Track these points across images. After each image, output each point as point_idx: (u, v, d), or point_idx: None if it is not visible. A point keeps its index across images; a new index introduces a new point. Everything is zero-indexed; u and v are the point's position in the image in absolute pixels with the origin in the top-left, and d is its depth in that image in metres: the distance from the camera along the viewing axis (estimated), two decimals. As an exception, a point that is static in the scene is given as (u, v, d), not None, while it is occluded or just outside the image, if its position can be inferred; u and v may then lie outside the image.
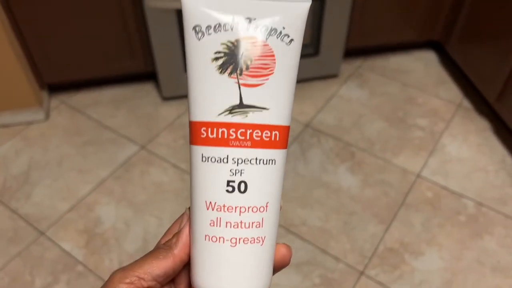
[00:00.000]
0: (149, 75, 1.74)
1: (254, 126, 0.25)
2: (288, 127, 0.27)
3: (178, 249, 0.28)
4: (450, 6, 1.67)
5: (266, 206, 0.26)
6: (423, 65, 1.84)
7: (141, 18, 1.48)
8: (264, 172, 0.26)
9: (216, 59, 0.25)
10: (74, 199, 1.35)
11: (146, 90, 1.72)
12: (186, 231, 0.28)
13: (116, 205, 1.34)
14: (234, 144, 0.25)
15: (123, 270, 0.28)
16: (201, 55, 0.25)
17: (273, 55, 0.25)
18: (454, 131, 1.56)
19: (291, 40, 0.26)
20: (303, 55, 1.66)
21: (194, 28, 0.25)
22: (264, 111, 0.26)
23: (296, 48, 0.26)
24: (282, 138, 0.26)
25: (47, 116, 1.62)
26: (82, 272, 1.19)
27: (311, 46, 1.65)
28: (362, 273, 1.18)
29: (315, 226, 1.28)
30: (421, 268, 1.19)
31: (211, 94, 0.25)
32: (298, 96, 1.70)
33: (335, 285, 1.16)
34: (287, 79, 0.26)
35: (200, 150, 0.26)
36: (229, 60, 0.25)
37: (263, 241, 0.27)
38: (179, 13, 1.43)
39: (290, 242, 1.24)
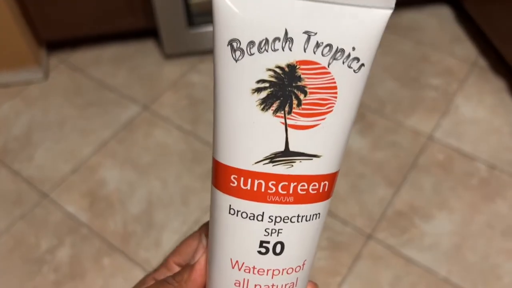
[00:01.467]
0: (150, 32, 1.66)
1: (300, 178, 0.21)
2: (338, 172, 0.21)
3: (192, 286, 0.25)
4: (470, -43, 1.57)
5: (303, 265, 0.23)
6: (437, 22, 1.75)
7: (141, -30, 1.40)
8: (305, 229, 0.22)
9: (258, 90, 0.19)
10: (77, 161, 1.33)
11: (148, 48, 1.65)
12: (200, 268, 0.24)
13: (119, 167, 1.31)
14: (273, 200, 0.21)
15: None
16: (238, 82, 0.18)
17: (335, 87, 0.19)
18: (469, 91, 1.50)
19: (361, 65, 0.19)
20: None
21: (231, 43, 0.18)
22: (314, 159, 0.21)
23: (365, 76, 0.20)
24: (330, 187, 0.22)
25: (46, 75, 1.56)
26: (86, 234, 1.18)
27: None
28: (370, 236, 1.16)
29: (323, 189, 1.26)
30: (430, 231, 1.17)
31: (248, 137, 0.19)
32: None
33: (342, 248, 1.15)
34: (348, 117, 0.20)
35: (228, 201, 0.21)
36: (276, 93, 0.18)
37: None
38: (181, -35, 1.34)
39: (297, 205, 1.22)
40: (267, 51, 0.18)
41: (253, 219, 0.20)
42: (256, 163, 0.20)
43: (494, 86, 1.51)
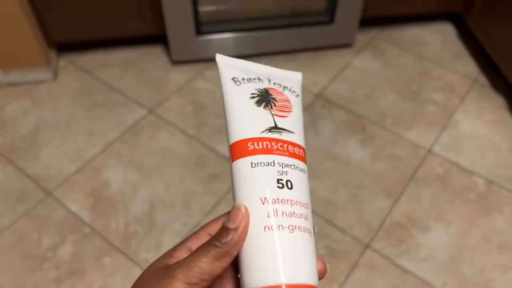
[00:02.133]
0: (159, 38, 1.70)
1: (288, 142, 0.32)
2: (305, 150, 0.33)
3: (235, 248, 0.28)
4: (474, -23, 1.60)
5: (307, 205, 0.30)
6: (440, 38, 1.78)
7: (153, -23, 1.43)
8: (300, 177, 0.31)
9: (253, 97, 0.33)
10: (82, 161, 1.35)
11: (156, 53, 1.68)
12: (242, 230, 0.29)
13: (124, 168, 1.33)
14: (278, 153, 0.31)
15: (182, 267, 0.28)
16: (240, 95, 0.33)
17: (289, 100, 0.34)
18: (469, 107, 1.52)
19: (297, 95, 0.36)
20: (318, 23, 1.61)
21: (233, 79, 0.33)
22: (292, 134, 0.32)
23: (300, 101, 0.35)
24: (304, 156, 0.33)
25: (55, 76, 1.59)
26: (88, 233, 1.20)
27: (326, 14, 1.60)
28: (367, 245, 1.18)
29: (323, 197, 1.28)
30: (428, 243, 1.19)
31: (253, 120, 0.32)
32: (311, 65, 1.66)
33: (340, 257, 1.16)
34: (300, 118, 0.34)
35: (249, 160, 0.30)
36: (262, 99, 0.33)
37: (310, 233, 0.30)
38: (192, -26, 1.38)
39: (297, 212, 1.23)
40: (252, 82, 0.34)
41: (269, 165, 0.30)
42: (261, 132, 0.31)
43: (494, 103, 1.54)
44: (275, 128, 0.31)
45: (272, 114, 0.32)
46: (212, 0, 1.52)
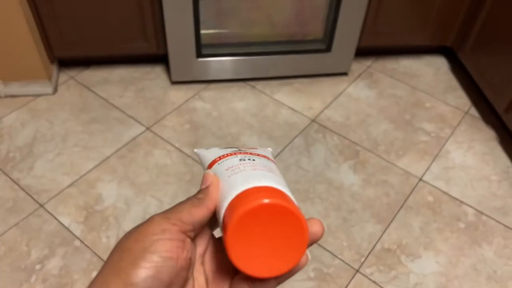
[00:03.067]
0: (160, 58, 1.73)
1: (251, 153, 0.35)
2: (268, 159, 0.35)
3: (209, 201, 0.30)
4: (466, 14, 1.66)
5: (273, 170, 0.33)
6: (433, 70, 1.83)
7: (157, 0, 1.47)
8: (265, 160, 0.34)
9: (223, 148, 0.37)
10: (76, 175, 1.35)
11: (156, 73, 1.71)
12: (212, 185, 0.31)
13: (118, 184, 1.33)
14: (239, 153, 0.34)
15: (164, 213, 0.29)
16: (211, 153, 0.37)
17: (256, 148, 0.37)
18: (460, 138, 1.55)
19: (253, 160, 0.36)
20: (315, 50, 1.66)
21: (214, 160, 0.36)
22: (255, 156, 0.34)
23: (270, 155, 0.38)
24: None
25: (55, 90, 1.61)
26: (78, 247, 1.19)
27: (324, 42, 1.65)
28: (357, 271, 1.18)
29: (314, 220, 1.28)
30: (417, 271, 1.19)
31: (221, 152, 0.35)
32: (306, 90, 1.70)
33: (329, 281, 1.16)
34: (266, 160, 0.36)
35: (217, 163, 0.34)
36: (230, 147, 0.37)
37: (278, 178, 0.31)
38: (195, -2, 1.42)
39: (288, 235, 1.24)
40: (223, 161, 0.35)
41: (232, 159, 0.33)
42: (227, 154, 0.35)
43: (485, 135, 1.57)
44: (238, 151, 0.35)
45: (239, 149, 0.36)
46: (213, 24, 1.56)
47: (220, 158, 0.34)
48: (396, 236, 1.26)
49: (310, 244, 0.30)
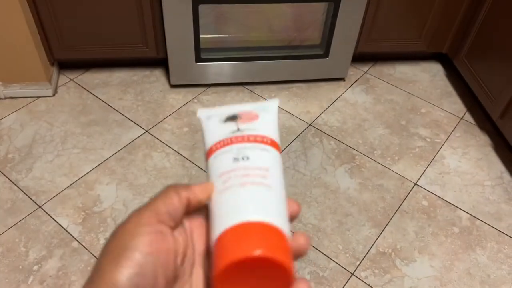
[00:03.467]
0: (159, 62, 1.75)
1: (249, 135, 0.34)
2: (274, 140, 0.34)
3: (185, 193, 0.31)
4: (461, 21, 1.69)
5: (268, 169, 0.31)
6: (429, 77, 1.86)
7: (158, 4, 1.49)
8: (259, 153, 0.33)
9: (222, 121, 0.35)
10: (75, 176, 1.36)
11: (156, 76, 1.73)
12: (202, 191, 0.32)
13: (116, 186, 1.35)
14: (235, 142, 0.33)
15: (141, 207, 0.29)
16: (212, 124, 0.36)
17: (257, 114, 0.35)
18: (455, 144, 1.57)
19: (270, 111, 0.37)
20: (313, 56, 1.68)
21: (208, 117, 0.36)
22: (254, 130, 0.34)
23: (273, 114, 0.37)
24: (269, 142, 0.34)
25: (55, 92, 1.63)
26: (76, 248, 1.20)
27: (321, 48, 1.67)
28: (352, 274, 1.20)
29: (311, 223, 1.30)
30: (411, 274, 1.21)
31: (219, 132, 0.35)
32: (304, 95, 1.71)
33: (325, 284, 1.17)
34: (269, 122, 0.36)
35: (213, 156, 0.34)
36: (229, 118, 0.35)
37: (270, 187, 0.31)
38: (194, 2, 1.44)
39: (284, 237, 1.25)
40: (225, 115, 0.35)
41: (226, 152, 0.33)
42: (225, 136, 0.34)
43: (479, 141, 1.59)
44: (237, 130, 0.34)
45: (236, 124, 0.35)
46: (213, 29, 1.58)
47: (216, 147, 0.34)
48: (391, 240, 1.28)
49: (296, 258, 0.31)
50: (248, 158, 0.32)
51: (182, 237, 0.31)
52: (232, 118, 0.35)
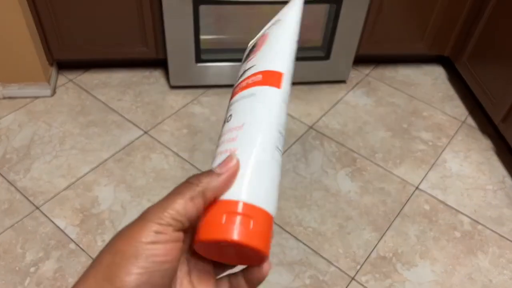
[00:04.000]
0: (159, 63, 1.74)
1: (247, 77, 0.33)
2: (273, 72, 0.33)
3: (211, 194, 0.28)
4: (463, 24, 1.68)
5: (242, 126, 0.31)
6: (431, 80, 1.85)
7: (158, 5, 1.48)
8: (244, 104, 0.32)
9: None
10: (73, 178, 1.35)
11: (155, 77, 1.72)
12: (227, 176, 0.28)
13: (114, 187, 1.33)
14: (231, 97, 0.33)
15: (155, 208, 0.27)
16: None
17: (265, 34, 0.36)
18: (457, 147, 1.56)
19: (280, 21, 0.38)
20: (314, 58, 1.67)
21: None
22: (254, 55, 0.35)
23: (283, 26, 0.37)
24: (267, 79, 0.32)
25: (54, 92, 1.61)
26: (74, 250, 1.19)
27: (322, 50, 1.66)
28: (353, 278, 1.18)
29: (311, 227, 1.28)
30: (412, 279, 1.19)
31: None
32: (305, 98, 1.70)
33: (325, 288, 1.16)
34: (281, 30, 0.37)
35: None
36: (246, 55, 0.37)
37: (233, 152, 0.30)
38: (195, 3, 1.43)
39: (284, 241, 1.24)
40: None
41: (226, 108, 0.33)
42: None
43: (481, 144, 1.58)
44: (243, 73, 0.34)
45: (247, 60, 0.34)
46: (213, 30, 1.57)
47: (235, 91, 0.33)
48: (392, 244, 1.26)
49: (255, 284, 0.31)
50: (231, 118, 0.31)
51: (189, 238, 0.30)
52: (252, 49, 0.35)
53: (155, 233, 0.26)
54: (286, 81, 0.33)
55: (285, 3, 0.37)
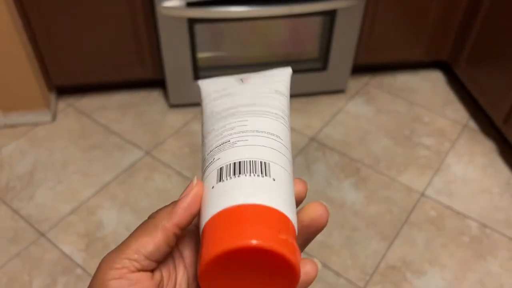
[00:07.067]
0: (157, 83, 1.75)
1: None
2: None
3: (170, 222, 0.25)
4: (459, 28, 1.68)
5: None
6: (430, 85, 1.84)
7: (153, 25, 1.49)
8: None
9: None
10: (76, 202, 1.35)
11: (154, 97, 1.73)
12: (189, 202, 0.25)
13: (118, 210, 1.33)
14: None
15: (111, 254, 0.25)
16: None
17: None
18: (460, 151, 1.55)
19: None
20: (311, 70, 1.67)
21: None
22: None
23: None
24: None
25: (54, 118, 1.62)
26: (80, 275, 1.18)
27: (320, 61, 1.66)
28: (363, 290, 1.17)
29: (317, 240, 1.27)
30: (423, 287, 1.18)
31: None
32: (304, 109, 1.70)
33: (335, 301, 1.15)
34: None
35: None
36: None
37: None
38: (190, 22, 1.44)
39: (291, 255, 1.23)
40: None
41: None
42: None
43: (485, 147, 1.57)
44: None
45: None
46: (210, 47, 1.58)
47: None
48: (401, 253, 1.25)
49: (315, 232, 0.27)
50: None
51: (165, 271, 0.26)
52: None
53: (111, 280, 0.24)
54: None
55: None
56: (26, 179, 1.41)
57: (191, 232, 0.29)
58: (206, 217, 0.24)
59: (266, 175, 0.25)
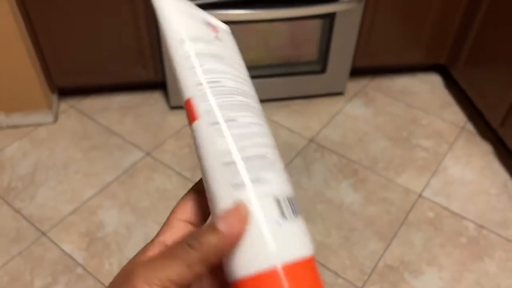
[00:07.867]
0: (158, 84, 1.76)
1: None
2: None
3: (216, 255, 0.23)
4: (457, 31, 1.70)
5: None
6: (428, 88, 1.86)
7: (154, 28, 1.51)
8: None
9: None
10: (77, 202, 1.36)
11: (155, 99, 1.74)
12: (235, 234, 0.23)
13: (119, 209, 1.34)
14: None
15: (145, 270, 0.23)
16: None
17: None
18: (457, 153, 1.57)
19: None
20: (310, 72, 1.69)
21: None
22: None
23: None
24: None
25: (56, 119, 1.64)
26: (81, 274, 1.19)
27: (318, 63, 1.68)
28: (361, 289, 1.18)
29: (316, 240, 1.29)
30: (421, 287, 1.19)
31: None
32: (303, 111, 1.72)
33: (333, 300, 1.16)
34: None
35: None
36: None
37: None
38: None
39: (290, 255, 1.24)
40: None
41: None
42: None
43: (482, 149, 1.59)
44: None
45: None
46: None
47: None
48: (399, 253, 1.26)
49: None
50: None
51: None
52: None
53: None
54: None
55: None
56: (28, 179, 1.43)
57: None
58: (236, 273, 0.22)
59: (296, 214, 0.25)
